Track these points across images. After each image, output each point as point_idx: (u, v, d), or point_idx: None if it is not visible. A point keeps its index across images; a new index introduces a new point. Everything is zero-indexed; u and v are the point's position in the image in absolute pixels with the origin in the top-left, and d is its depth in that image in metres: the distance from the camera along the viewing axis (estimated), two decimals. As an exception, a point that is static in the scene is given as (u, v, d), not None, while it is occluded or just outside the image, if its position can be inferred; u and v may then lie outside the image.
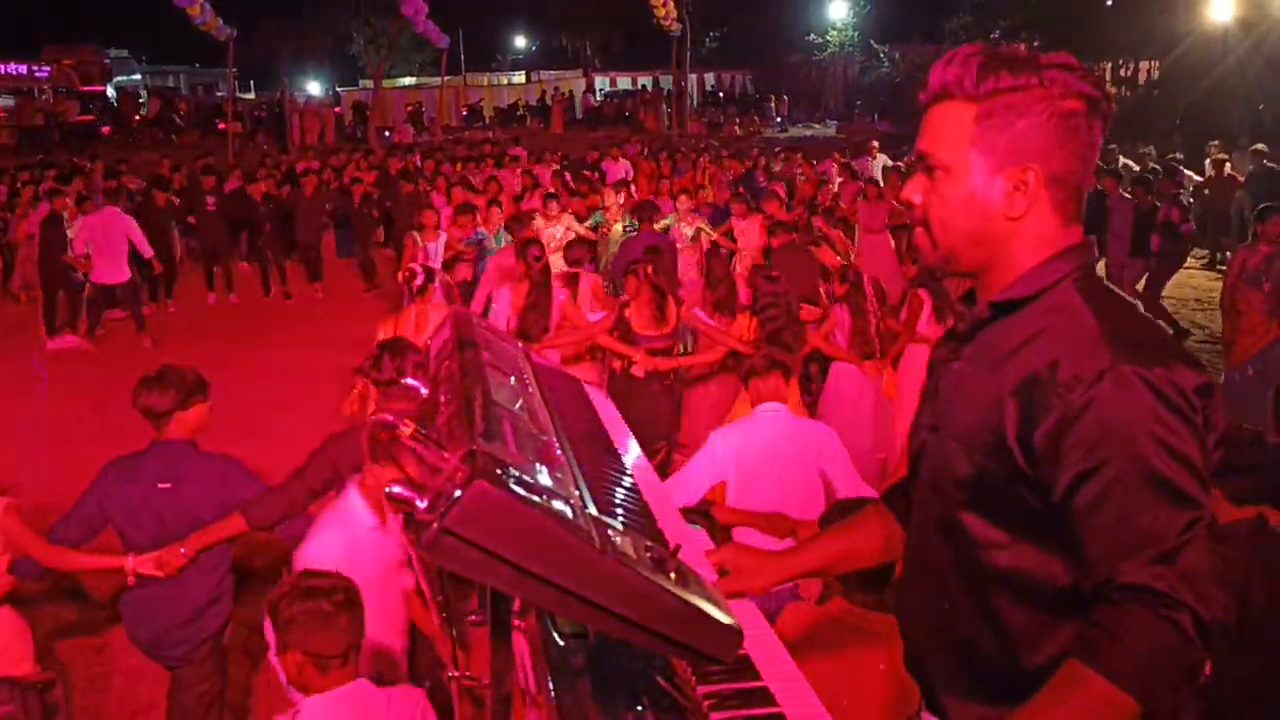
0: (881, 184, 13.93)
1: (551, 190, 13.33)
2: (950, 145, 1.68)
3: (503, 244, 10.24)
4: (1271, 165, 15.17)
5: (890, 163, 17.94)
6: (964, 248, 1.71)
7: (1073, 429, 1.50)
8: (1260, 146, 15.71)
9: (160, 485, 4.08)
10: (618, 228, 11.20)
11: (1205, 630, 1.44)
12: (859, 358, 7.27)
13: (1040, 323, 1.62)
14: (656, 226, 10.67)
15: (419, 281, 6.94)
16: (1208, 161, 16.44)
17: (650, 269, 7.23)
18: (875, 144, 19.97)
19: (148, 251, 12.04)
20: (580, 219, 11.81)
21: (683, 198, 12.00)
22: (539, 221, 10.96)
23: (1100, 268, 1.92)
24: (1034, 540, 1.61)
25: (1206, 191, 15.96)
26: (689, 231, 11.17)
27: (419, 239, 10.61)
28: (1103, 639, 1.46)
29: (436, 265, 8.72)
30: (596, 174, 17.52)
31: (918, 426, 1.88)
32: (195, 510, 4.08)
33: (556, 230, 10.96)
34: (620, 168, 18.32)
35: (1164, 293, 12.51)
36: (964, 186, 1.67)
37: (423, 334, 6.61)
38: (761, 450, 4.53)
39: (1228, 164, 15.95)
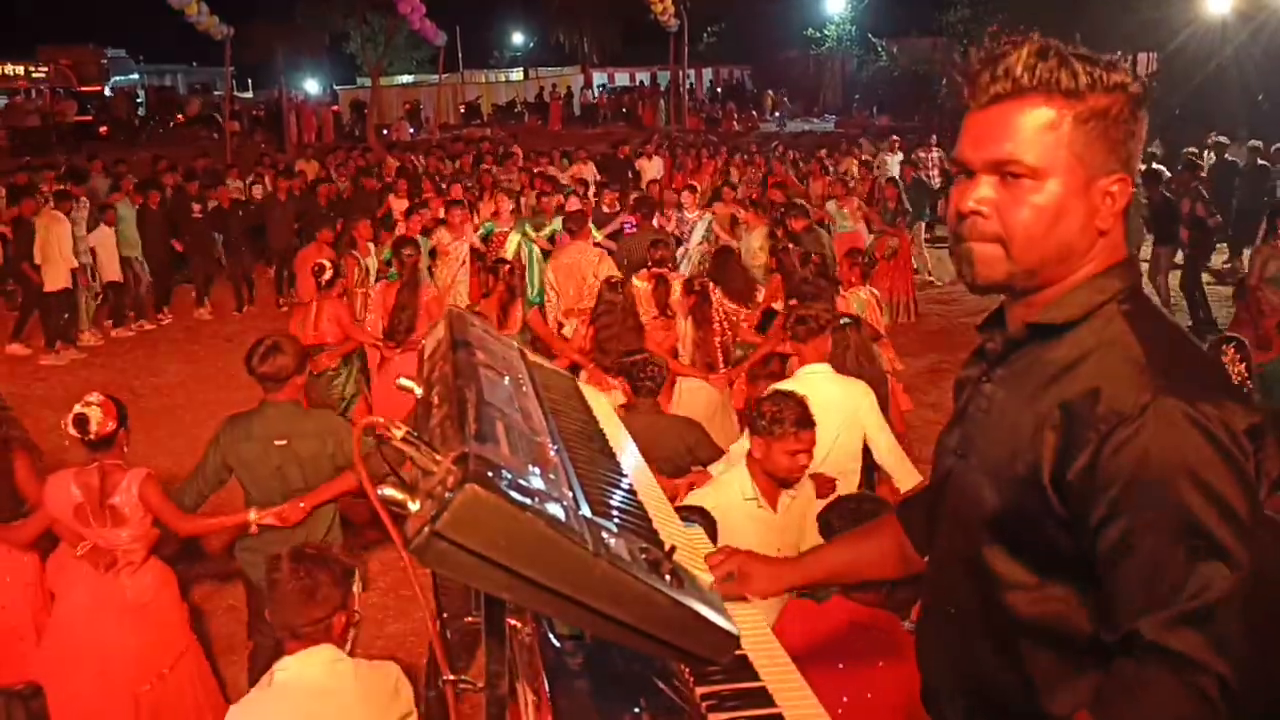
0: (890, 179, 14.09)
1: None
2: (1041, 149, 1.50)
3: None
4: (1264, 163, 15.14)
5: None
6: (1052, 262, 1.55)
7: (1108, 466, 1.38)
8: (1255, 143, 15.68)
9: (276, 442, 4.59)
10: (514, 238, 10.60)
11: (1232, 696, 1.33)
12: (703, 370, 7.25)
13: (1082, 348, 1.50)
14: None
15: (326, 276, 7.48)
16: (1208, 153, 16.40)
17: (508, 269, 7.51)
18: (896, 139, 19.99)
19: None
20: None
21: (686, 194, 11.98)
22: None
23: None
24: (1064, 583, 1.51)
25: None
26: (701, 230, 11.15)
27: (358, 257, 9.99)
28: (1120, 696, 1.37)
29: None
30: (631, 174, 17.52)
31: (943, 449, 1.77)
32: (307, 465, 4.62)
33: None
34: (654, 166, 18.30)
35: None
36: (1058, 196, 1.51)
37: (319, 328, 7.47)
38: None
39: (1227, 152, 15.91)
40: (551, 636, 1.78)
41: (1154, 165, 14.18)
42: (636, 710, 1.67)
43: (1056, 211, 1.52)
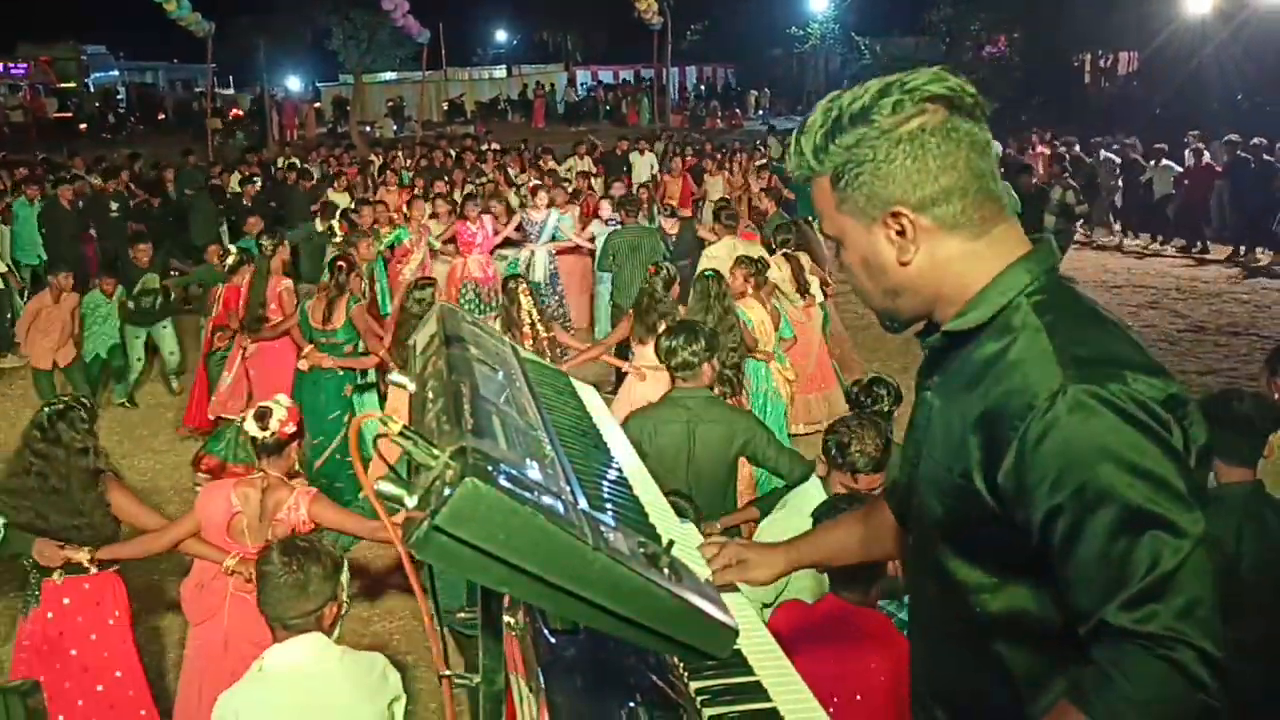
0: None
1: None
2: (829, 219, 1.65)
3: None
4: (1245, 155, 15.25)
5: None
6: (887, 304, 1.67)
7: (1032, 464, 1.39)
8: (1233, 137, 15.81)
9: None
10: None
11: (1215, 663, 1.30)
12: None
13: (996, 347, 1.51)
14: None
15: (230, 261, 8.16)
16: (1187, 151, 16.54)
17: (340, 266, 7.57)
18: None
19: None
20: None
21: (541, 194, 11.88)
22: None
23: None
24: (1022, 581, 1.51)
25: (1186, 182, 16.06)
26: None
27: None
28: (1099, 684, 1.35)
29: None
30: (626, 169, 17.49)
31: (903, 459, 1.79)
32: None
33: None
34: (646, 161, 18.31)
35: (1146, 282, 12.64)
36: (856, 252, 1.64)
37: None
38: None
39: (1206, 154, 16.04)
40: (547, 631, 1.78)
41: (1024, 159, 15.85)
42: (632, 705, 1.67)
43: (861, 264, 1.64)
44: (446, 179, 14.67)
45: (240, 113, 35.05)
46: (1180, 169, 16.17)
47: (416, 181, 14.72)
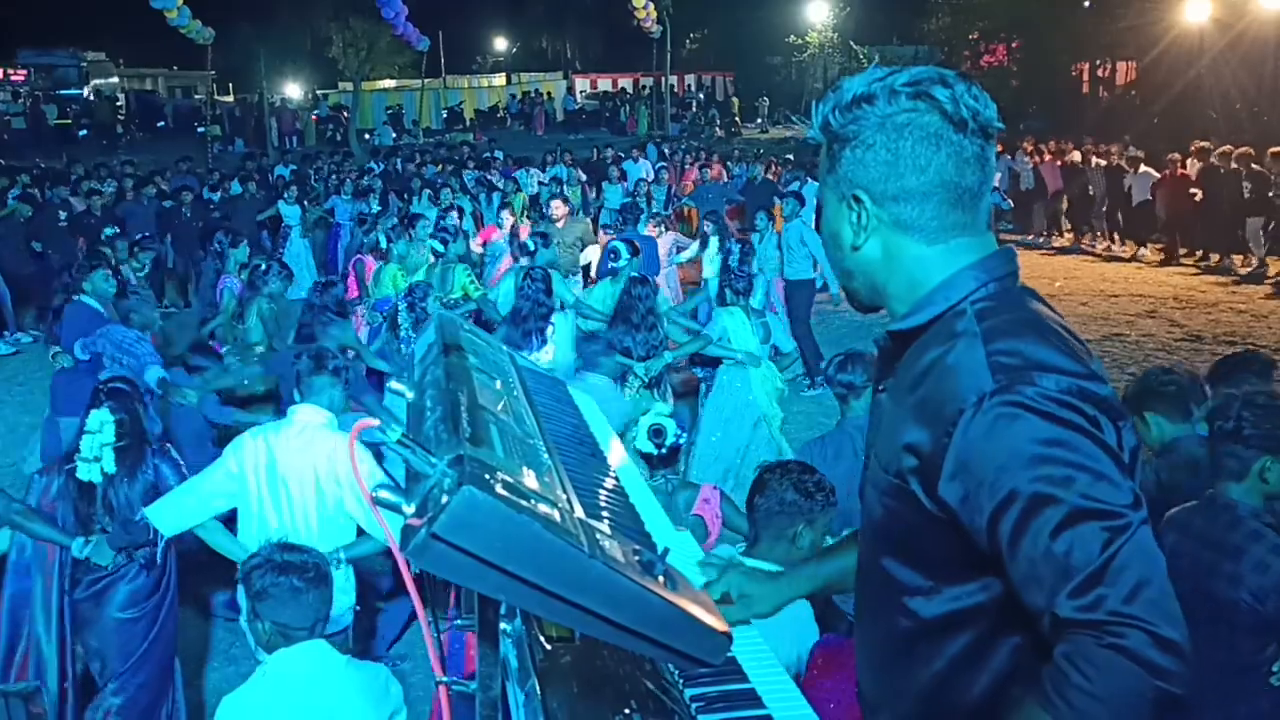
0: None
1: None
2: (821, 184, 1.68)
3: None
4: (1215, 163, 15.20)
5: None
6: (844, 282, 1.69)
7: (968, 471, 1.40)
8: (1204, 144, 15.88)
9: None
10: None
11: (1172, 645, 1.29)
12: None
13: (937, 353, 1.51)
14: None
15: None
16: (1189, 160, 16.53)
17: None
18: None
19: None
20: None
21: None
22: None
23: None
24: (960, 584, 1.51)
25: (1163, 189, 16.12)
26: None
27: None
28: (1055, 679, 1.34)
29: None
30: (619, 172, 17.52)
31: (867, 460, 1.78)
32: None
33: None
34: (641, 168, 18.35)
35: (1144, 291, 12.63)
36: (826, 224, 1.67)
37: None
38: None
39: (1181, 165, 16.03)
40: (542, 639, 1.79)
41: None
42: (627, 711, 1.68)
43: (827, 235, 1.68)
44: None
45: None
46: (1158, 175, 16.19)
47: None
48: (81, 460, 4.10)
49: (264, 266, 8.04)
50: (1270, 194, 14.26)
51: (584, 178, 17.73)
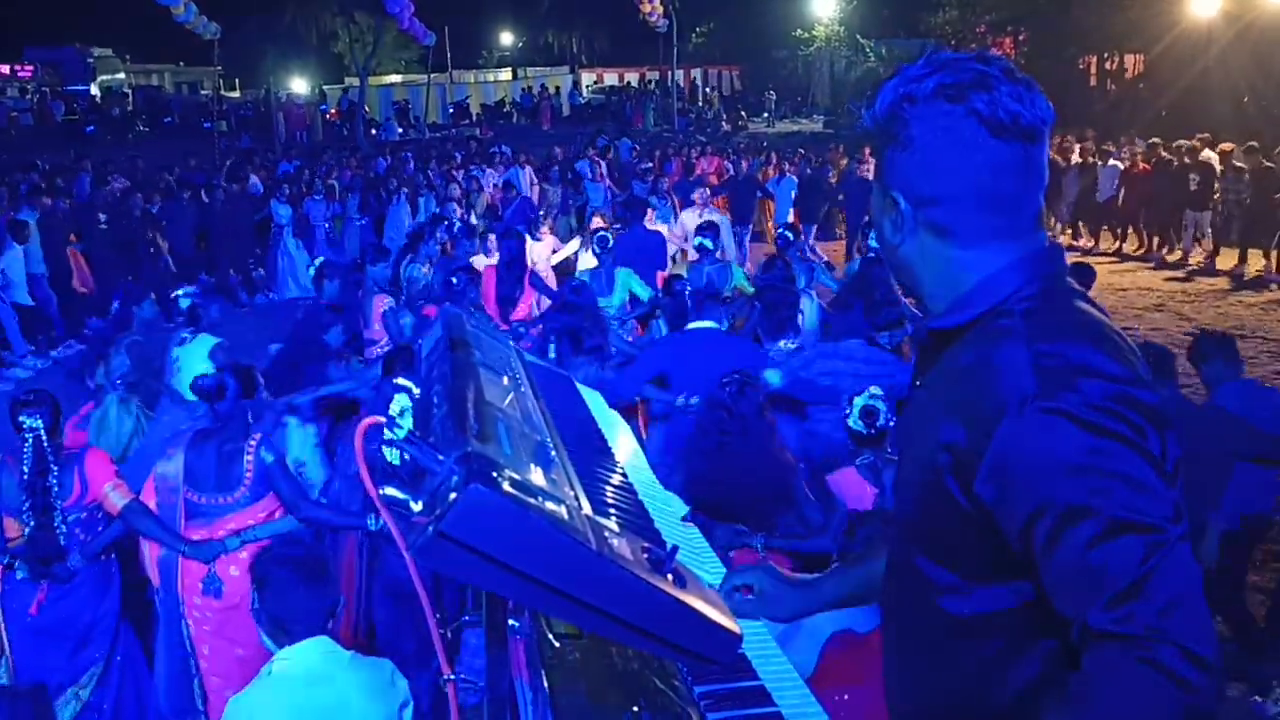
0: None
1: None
2: (873, 169, 1.69)
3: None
4: (1168, 156, 15.36)
5: None
6: (893, 274, 1.67)
7: (1005, 474, 1.38)
8: (1155, 140, 15.95)
9: None
10: None
11: (1201, 661, 1.26)
12: None
13: (979, 352, 1.48)
14: None
15: None
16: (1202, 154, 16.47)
17: None
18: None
19: None
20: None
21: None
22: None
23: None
24: (990, 583, 1.49)
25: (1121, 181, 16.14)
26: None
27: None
28: (1083, 687, 1.32)
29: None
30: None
31: (901, 457, 1.77)
32: None
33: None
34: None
35: (1152, 285, 12.57)
36: (873, 215, 1.66)
37: None
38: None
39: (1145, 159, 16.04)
40: (551, 635, 1.79)
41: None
42: (636, 709, 1.67)
43: (877, 228, 1.66)
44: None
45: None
46: (1123, 167, 16.15)
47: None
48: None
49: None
50: (1215, 188, 14.65)
51: (534, 179, 17.34)
